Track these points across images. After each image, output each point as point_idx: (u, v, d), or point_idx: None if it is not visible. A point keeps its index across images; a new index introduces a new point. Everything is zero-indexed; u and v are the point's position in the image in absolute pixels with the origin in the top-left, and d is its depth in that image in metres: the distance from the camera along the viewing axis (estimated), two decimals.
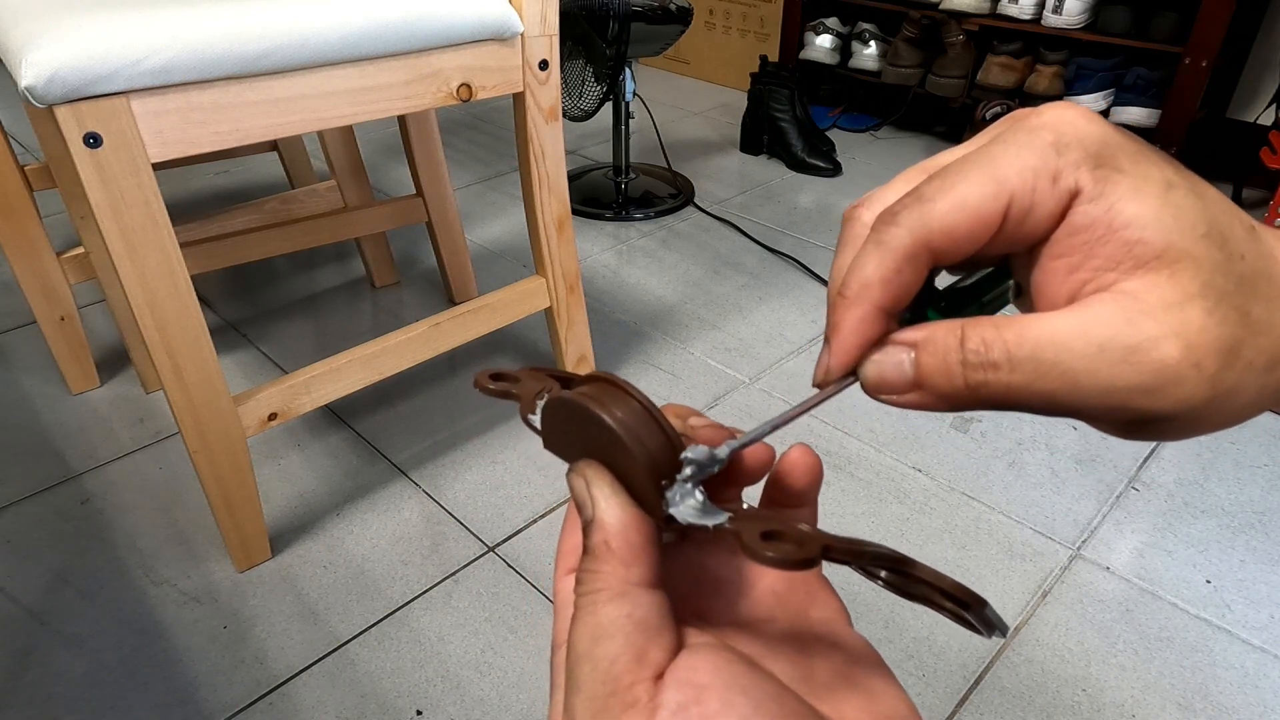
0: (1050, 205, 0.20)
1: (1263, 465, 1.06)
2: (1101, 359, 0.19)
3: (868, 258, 0.21)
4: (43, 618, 0.86)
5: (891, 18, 2.10)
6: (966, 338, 0.20)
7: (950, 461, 1.06)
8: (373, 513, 0.99)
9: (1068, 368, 0.19)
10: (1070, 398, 0.19)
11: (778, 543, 0.20)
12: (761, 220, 1.72)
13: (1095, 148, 0.20)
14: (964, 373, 0.20)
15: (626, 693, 0.19)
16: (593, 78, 1.58)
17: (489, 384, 0.28)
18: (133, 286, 0.72)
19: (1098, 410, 0.19)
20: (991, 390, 0.20)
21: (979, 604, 0.19)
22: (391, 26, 0.78)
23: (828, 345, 0.22)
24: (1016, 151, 0.20)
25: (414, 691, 0.79)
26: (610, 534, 0.21)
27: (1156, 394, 0.19)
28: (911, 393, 0.21)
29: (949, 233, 0.20)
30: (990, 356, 0.20)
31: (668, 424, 0.23)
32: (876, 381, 0.22)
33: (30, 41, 0.63)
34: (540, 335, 1.31)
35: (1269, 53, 1.79)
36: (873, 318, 0.21)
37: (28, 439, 1.11)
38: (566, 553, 0.25)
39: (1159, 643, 0.83)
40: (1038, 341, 0.19)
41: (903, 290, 0.21)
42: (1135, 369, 0.18)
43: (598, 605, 0.20)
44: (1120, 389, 0.19)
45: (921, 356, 0.21)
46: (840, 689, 0.22)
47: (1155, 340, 0.18)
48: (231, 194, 1.84)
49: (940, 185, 0.21)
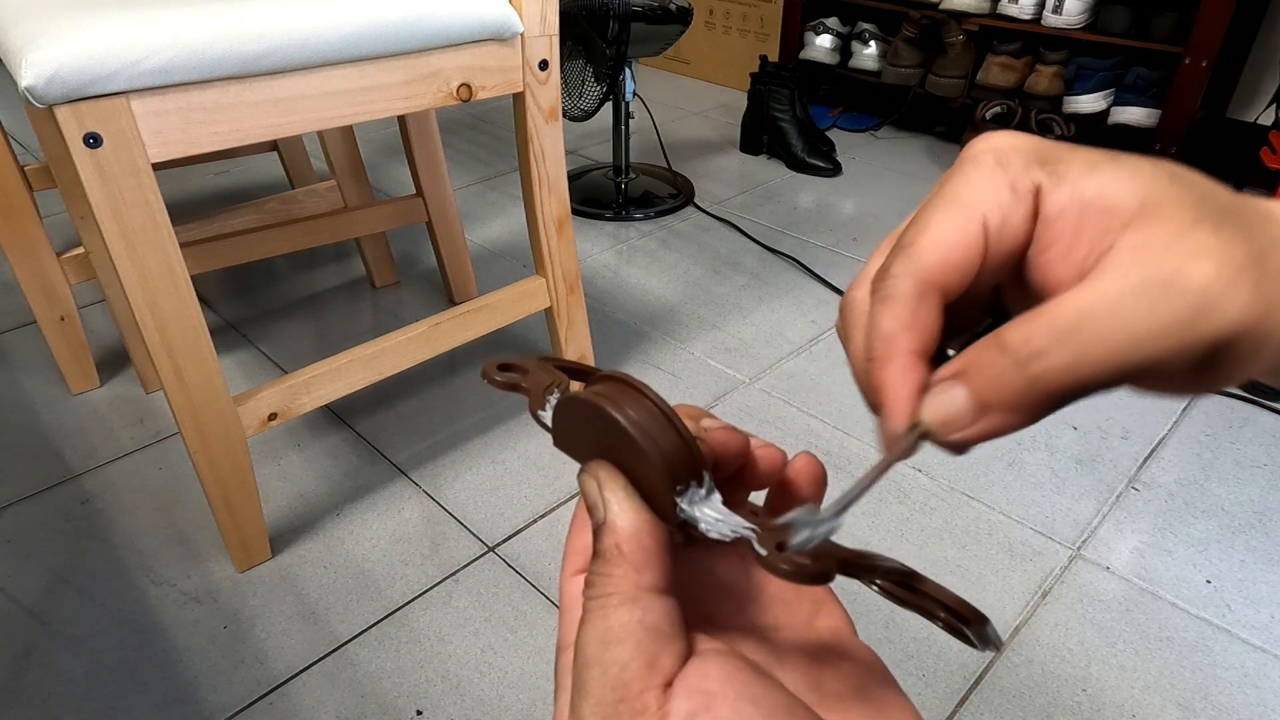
0: (1021, 209, 0.20)
1: (1263, 465, 1.06)
2: (1142, 300, 0.18)
3: (880, 315, 0.21)
4: (43, 618, 0.86)
5: (891, 18, 2.10)
6: (1005, 341, 0.19)
7: (950, 461, 1.06)
8: (373, 513, 0.99)
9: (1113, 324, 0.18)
10: (1128, 353, 0.18)
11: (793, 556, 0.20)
12: (761, 220, 1.72)
13: (1032, 152, 0.21)
14: (1018, 372, 0.19)
15: (636, 700, 0.19)
16: (593, 78, 1.58)
17: (497, 375, 0.27)
18: (133, 286, 0.72)
19: (1158, 358, 0.18)
20: (1053, 377, 0.19)
21: (981, 621, 0.19)
22: (391, 26, 0.78)
23: (881, 412, 0.21)
24: (967, 179, 0.21)
25: (414, 691, 0.79)
26: (622, 538, 0.21)
27: (1210, 314, 0.18)
28: (981, 420, 0.20)
29: (942, 264, 0.21)
30: (1036, 345, 0.19)
31: (683, 426, 0.22)
32: (942, 424, 0.20)
33: (30, 41, 0.63)
34: (540, 335, 1.31)
35: (1269, 53, 1.79)
36: (910, 365, 0.21)
37: (28, 439, 1.11)
38: (575, 553, 0.24)
39: (1159, 643, 0.83)
40: (1076, 311, 0.19)
41: (927, 332, 0.21)
42: (1179, 299, 0.18)
43: (608, 610, 0.20)
44: (1172, 324, 0.18)
45: (970, 380, 0.20)
46: (849, 700, 0.22)
47: (1182, 267, 0.18)
48: (231, 194, 1.84)
49: (915, 230, 0.21)
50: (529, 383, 0.27)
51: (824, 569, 0.19)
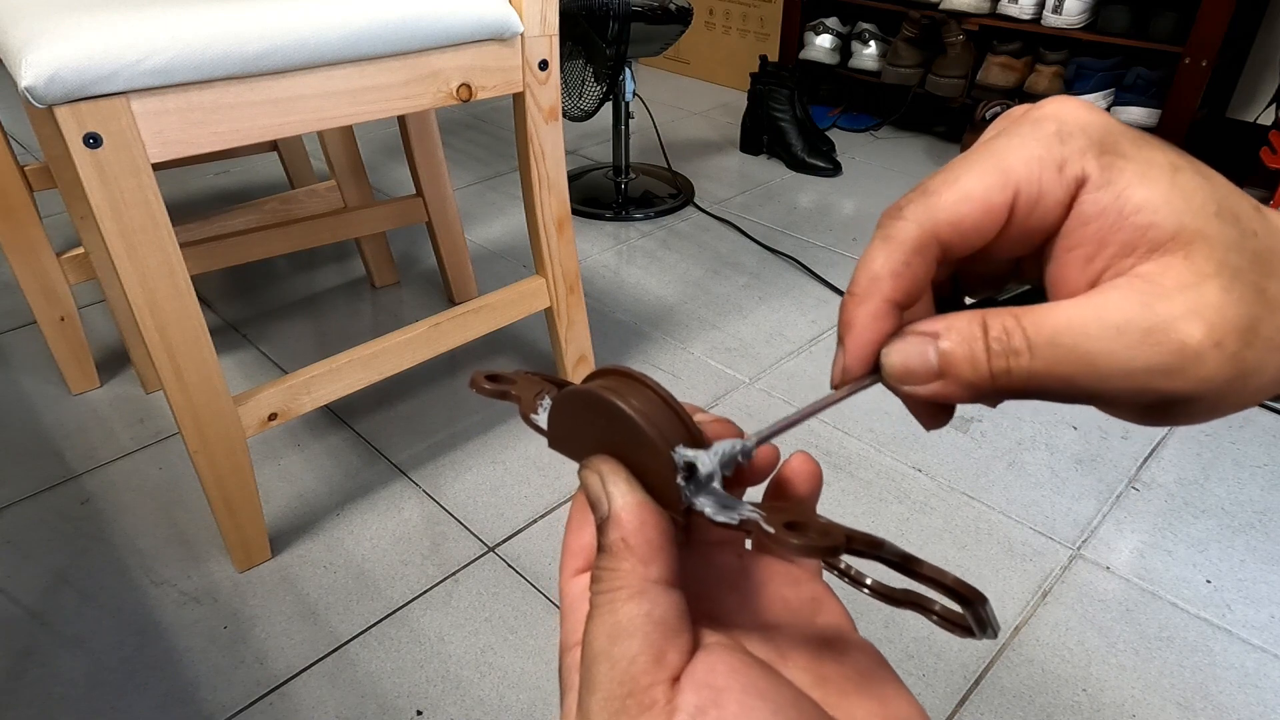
0: (1058, 194, 0.20)
1: (1263, 465, 1.06)
2: (1120, 341, 0.18)
3: (875, 253, 0.21)
4: (43, 618, 0.86)
5: (891, 18, 2.10)
6: (989, 325, 0.20)
7: (950, 461, 1.06)
8: (373, 513, 0.99)
9: (1086, 351, 0.19)
10: (1090, 381, 0.19)
11: (802, 533, 0.20)
12: (761, 220, 1.72)
13: (1099, 135, 0.20)
14: (988, 360, 0.20)
15: (644, 694, 0.19)
16: (593, 78, 1.58)
17: (485, 384, 0.27)
18: (133, 287, 0.72)
19: (1118, 394, 0.19)
20: (1014, 378, 0.20)
21: (981, 600, 0.19)
22: (391, 27, 0.78)
23: (841, 345, 0.22)
24: (1021, 143, 0.20)
25: (414, 691, 0.79)
26: (628, 531, 0.21)
27: (1177, 374, 0.18)
28: (935, 382, 0.21)
29: (956, 224, 0.20)
30: (1012, 343, 0.19)
31: (686, 414, 0.22)
32: (901, 371, 0.21)
33: (30, 41, 0.63)
34: (540, 335, 1.31)
35: (1269, 53, 1.79)
36: (884, 312, 0.21)
37: (28, 439, 1.11)
38: (574, 552, 0.24)
39: (1159, 643, 0.83)
40: (1056, 327, 0.19)
41: (913, 283, 0.21)
42: (1155, 350, 0.18)
43: (616, 603, 0.20)
44: (1140, 370, 0.18)
45: (945, 344, 0.20)
46: (853, 694, 0.22)
47: (1174, 321, 0.18)
48: (231, 194, 1.84)
49: (945, 178, 0.21)
50: (518, 390, 0.27)
51: (833, 543, 0.19)
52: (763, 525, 0.21)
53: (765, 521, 0.21)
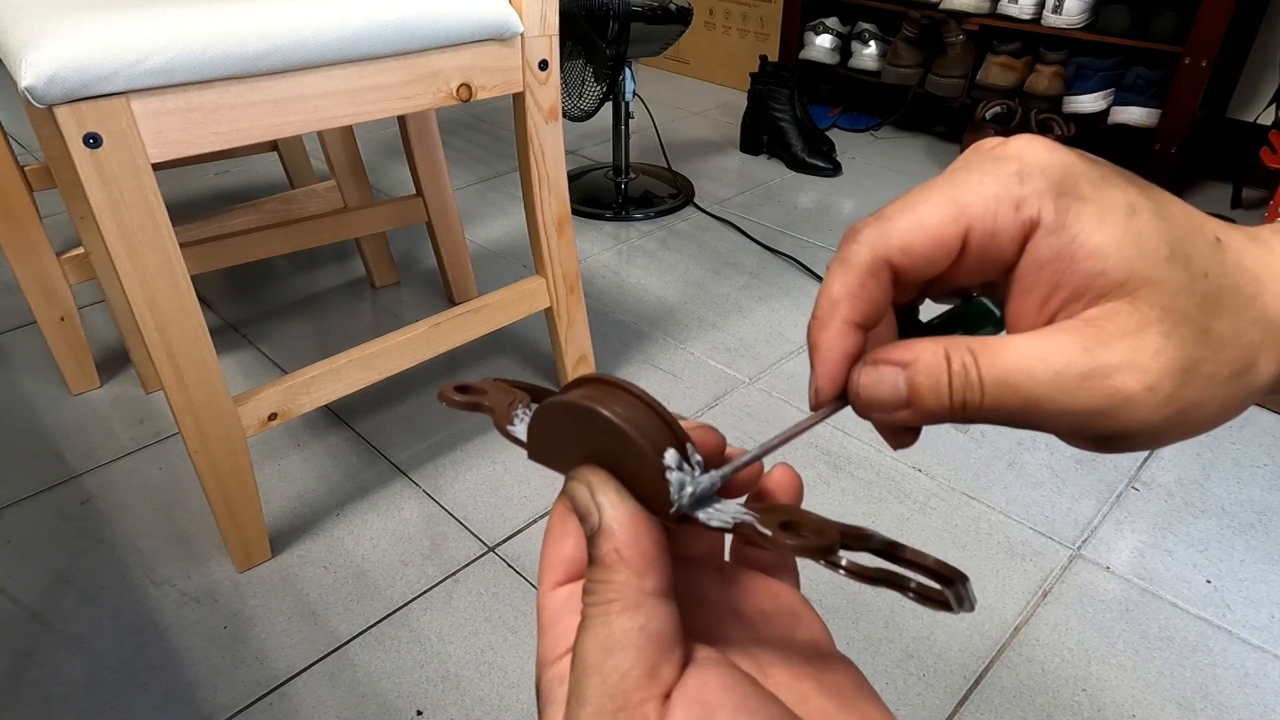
0: (1013, 231, 0.20)
1: (1263, 465, 1.06)
2: (1058, 384, 0.19)
3: (833, 277, 0.22)
4: (43, 618, 0.86)
5: (891, 18, 2.10)
6: (950, 359, 0.21)
7: (950, 461, 1.06)
8: (373, 513, 0.99)
9: (1029, 392, 0.20)
10: (1035, 419, 0.20)
11: (797, 533, 0.20)
12: (761, 220, 1.72)
13: (1058, 176, 0.20)
14: (950, 393, 0.21)
15: (635, 710, 0.19)
16: (593, 78, 1.58)
17: (455, 396, 0.27)
18: (133, 287, 0.72)
19: (1061, 430, 0.20)
20: (969, 409, 0.21)
21: (962, 579, 0.20)
22: (391, 27, 0.78)
23: (813, 369, 0.23)
24: (979, 179, 0.21)
25: (414, 692, 0.79)
26: (621, 542, 0.21)
27: (1111, 417, 0.19)
28: (902, 411, 0.22)
29: (907, 250, 0.21)
30: (971, 378, 0.20)
31: (670, 417, 0.22)
32: (871, 402, 0.22)
33: (30, 41, 0.63)
34: (540, 335, 1.31)
35: (1269, 53, 1.79)
36: (845, 333, 0.22)
37: (28, 439, 1.11)
38: (553, 565, 0.24)
39: (1159, 643, 0.83)
40: (1005, 367, 0.20)
41: (870, 305, 0.22)
42: (1090, 395, 0.19)
43: (610, 615, 0.20)
44: (1078, 412, 0.19)
45: (915, 377, 0.21)
46: (834, 713, 0.22)
47: (1109, 369, 0.19)
48: (231, 194, 1.84)
49: (902, 205, 0.22)
50: (490, 401, 0.26)
51: (828, 542, 0.20)
52: (759, 528, 0.21)
53: (760, 524, 0.21)
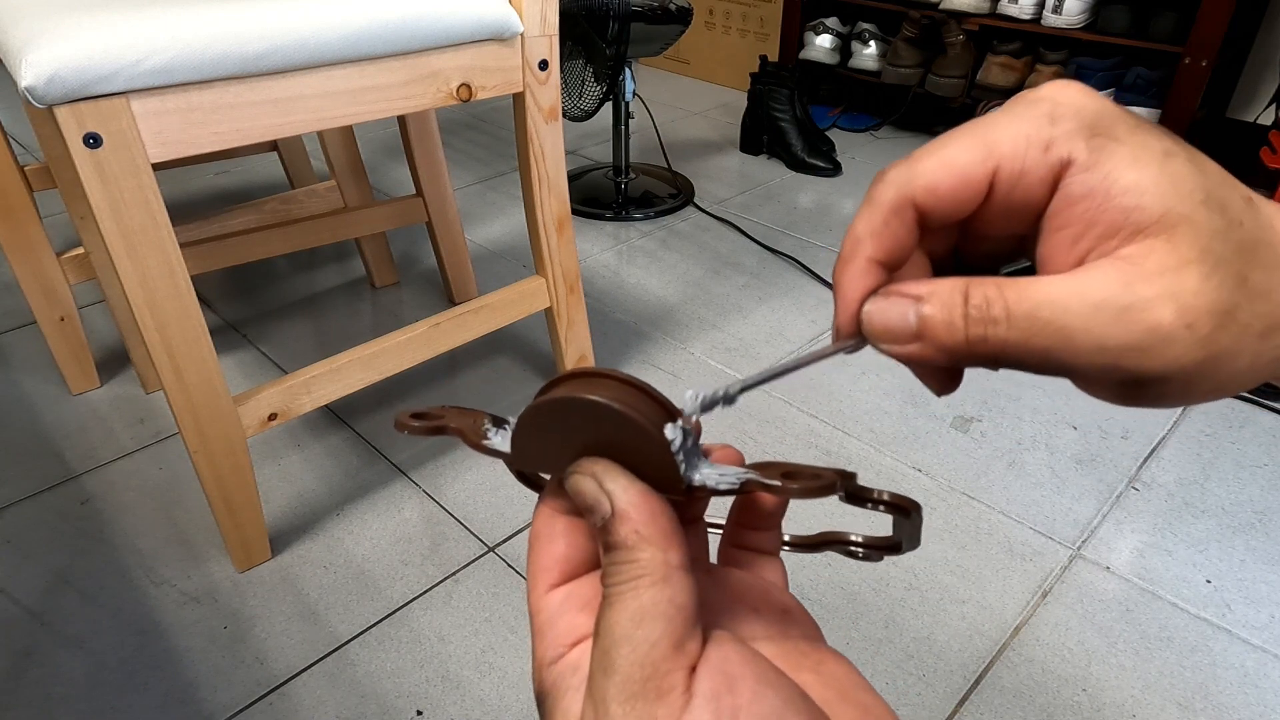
0: (1041, 172, 0.20)
1: (1263, 465, 1.06)
2: (1095, 318, 0.19)
3: (859, 216, 0.22)
4: (43, 618, 0.86)
5: (891, 18, 2.10)
6: (970, 294, 0.20)
7: (950, 461, 1.06)
8: (373, 513, 0.99)
9: (1063, 325, 0.19)
10: (1064, 354, 0.19)
11: (798, 478, 0.22)
12: (761, 220, 1.72)
13: (1091, 118, 0.20)
14: (966, 326, 0.20)
15: (664, 679, 0.19)
16: (593, 78, 1.58)
17: (412, 423, 0.27)
18: (133, 287, 0.72)
19: (1091, 369, 0.20)
20: (990, 346, 0.20)
21: (917, 508, 0.22)
22: (391, 27, 0.78)
23: (836, 306, 0.23)
24: (1010, 121, 0.21)
25: (414, 692, 0.79)
26: (639, 523, 0.21)
27: (1148, 353, 0.19)
28: (913, 343, 0.21)
29: (932, 189, 0.21)
30: (991, 312, 0.20)
31: (657, 392, 0.23)
32: (880, 329, 0.22)
33: (30, 41, 0.63)
34: (540, 335, 1.31)
35: (1269, 53, 1.79)
36: (866, 269, 0.22)
37: (28, 439, 1.11)
38: (546, 568, 0.24)
39: (1159, 643, 0.83)
40: (1036, 300, 0.20)
41: (894, 243, 0.22)
42: (1128, 328, 0.19)
43: (640, 589, 0.20)
44: (1112, 347, 0.19)
45: (926, 308, 0.21)
46: (835, 704, 0.22)
47: (1149, 302, 0.19)
48: (231, 194, 1.84)
49: (932, 147, 0.22)
50: (455, 423, 0.26)
51: (828, 481, 0.21)
52: (764, 481, 0.22)
53: (765, 478, 0.22)
